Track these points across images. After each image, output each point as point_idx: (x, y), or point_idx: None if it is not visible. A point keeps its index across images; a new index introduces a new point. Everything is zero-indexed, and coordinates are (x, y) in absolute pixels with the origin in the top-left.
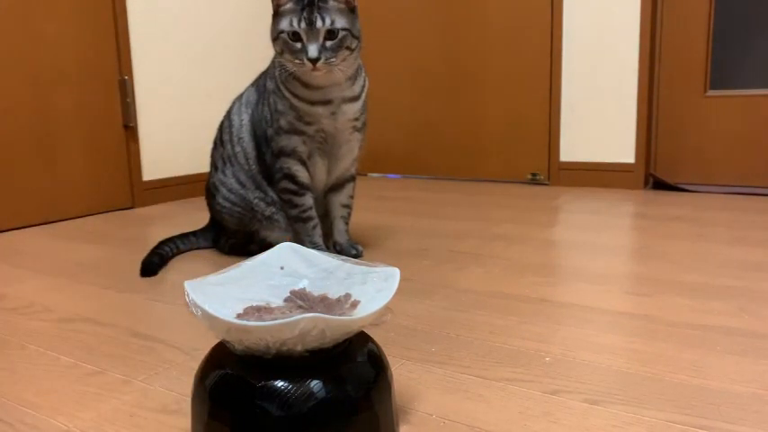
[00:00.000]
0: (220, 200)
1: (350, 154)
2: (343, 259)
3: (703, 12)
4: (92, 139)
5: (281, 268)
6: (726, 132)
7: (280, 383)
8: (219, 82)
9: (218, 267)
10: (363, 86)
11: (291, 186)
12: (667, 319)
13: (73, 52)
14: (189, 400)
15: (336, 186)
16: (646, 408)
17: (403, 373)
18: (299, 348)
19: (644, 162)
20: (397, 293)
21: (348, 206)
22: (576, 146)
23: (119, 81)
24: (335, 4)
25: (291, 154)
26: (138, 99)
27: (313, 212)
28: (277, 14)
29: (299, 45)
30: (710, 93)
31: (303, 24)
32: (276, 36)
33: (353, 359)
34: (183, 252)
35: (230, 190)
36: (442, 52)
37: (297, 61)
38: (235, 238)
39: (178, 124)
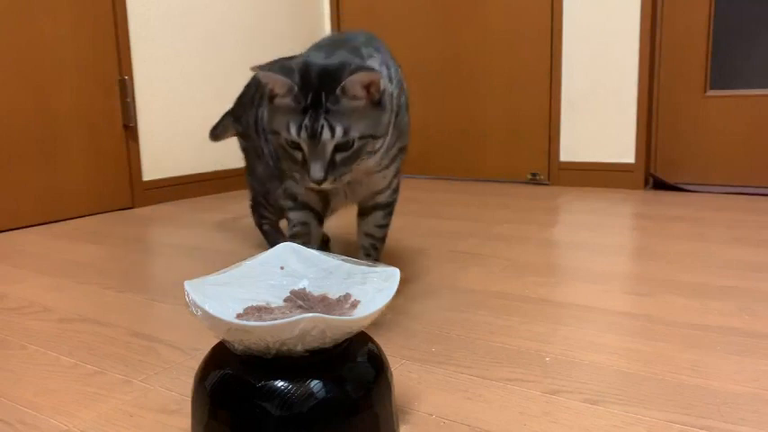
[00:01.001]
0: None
1: (361, 190)
2: (343, 259)
3: (703, 12)
4: (92, 138)
5: (281, 268)
6: (726, 132)
7: (280, 383)
8: (219, 82)
9: (218, 267)
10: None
11: (289, 203)
12: (667, 319)
13: (73, 52)
14: (189, 400)
15: (361, 212)
16: (646, 408)
17: (403, 373)
18: (299, 348)
19: (644, 162)
20: (397, 293)
21: (372, 236)
22: (576, 146)
23: (119, 81)
24: (351, 103)
25: (292, 176)
26: (138, 99)
27: (301, 229)
28: (271, 103)
29: (299, 155)
30: (710, 93)
31: (304, 134)
32: (270, 131)
33: (353, 359)
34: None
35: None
36: (442, 52)
37: (295, 174)
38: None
39: (178, 124)
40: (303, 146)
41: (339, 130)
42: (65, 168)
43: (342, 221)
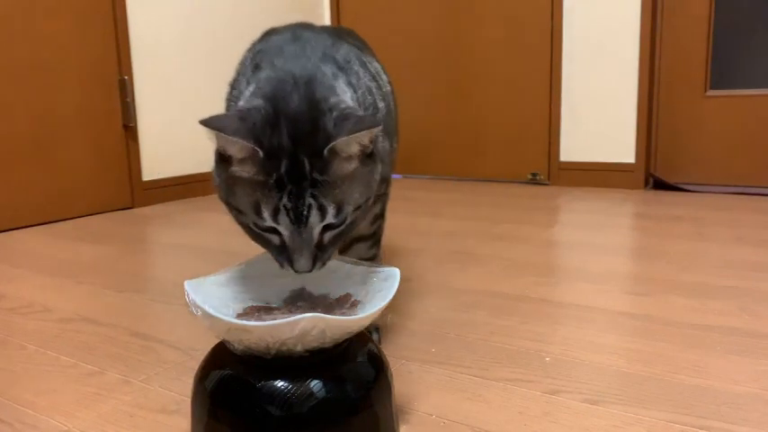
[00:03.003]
0: None
1: None
2: (343, 259)
3: (703, 12)
4: (92, 139)
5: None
6: (726, 132)
7: (280, 383)
8: (220, 82)
9: (218, 267)
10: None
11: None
12: (667, 319)
13: (73, 52)
14: (189, 400)
15: (343, 245)
16: (646, 408)
17: (403, 373)
18: (298, 348)
19: (644, 162)
20: (397, 293)
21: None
22: (576, 146)
23: (119, 81)
24: (342, 167)
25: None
26: (138, 99)
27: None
28: (225, 164)
29: (275, 239)
30: (710, 93)
31: (284, 219)
32: (226, 202)
33: (353, 359)
34: None
35: None
36: (442, 52)
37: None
38: None
39: (178, 124)
40: (283, 232)
41: (331, 210)
42: (65, 168)
43: None
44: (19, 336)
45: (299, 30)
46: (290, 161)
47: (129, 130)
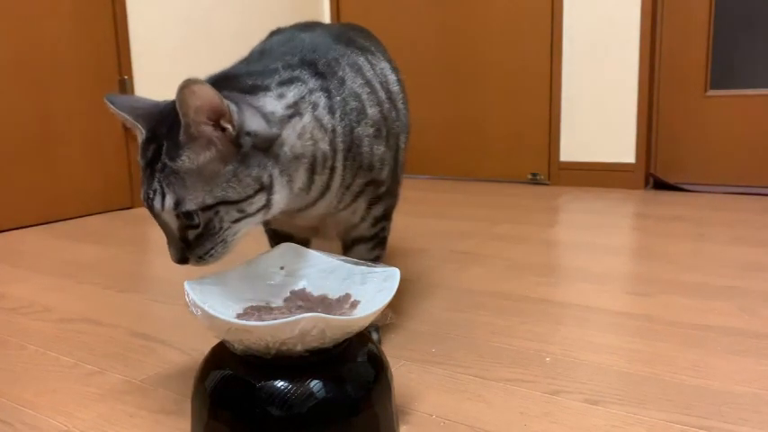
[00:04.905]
0: None
1: (333, 224)
2: (343, 259)
3: (703, 12)
4: (92, 138)
5: (281, 268)
6: (726, 132)
7: (280, 383)
8: None
9: (218, 267)
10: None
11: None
12: (667, 319)
13: (73, 52)
14: (188, 400)
15: (344, 246)
16: (646, 408)
17: (403, 374)
18: (298, 348)
19: (644, 162)
20: (397, 293)
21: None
22: (575, 146)
23: (119, 81)
24: (196, 157)
25: None
26: None
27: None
28: None
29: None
30: (710, 93)
31: (146, 201)
32: None
33: (353, 359)
34: None
35: None
36: (442, 52)
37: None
38: None
39: None
40: (152, 216)
41: (169, 200)
42: (65, 168)
43: None
44: (19, 336)
45: (298, 31)
46: (157, 144)
47: (129, 130)
